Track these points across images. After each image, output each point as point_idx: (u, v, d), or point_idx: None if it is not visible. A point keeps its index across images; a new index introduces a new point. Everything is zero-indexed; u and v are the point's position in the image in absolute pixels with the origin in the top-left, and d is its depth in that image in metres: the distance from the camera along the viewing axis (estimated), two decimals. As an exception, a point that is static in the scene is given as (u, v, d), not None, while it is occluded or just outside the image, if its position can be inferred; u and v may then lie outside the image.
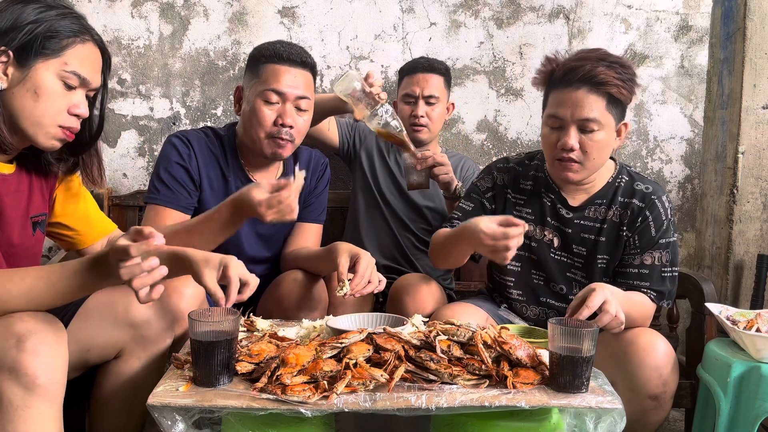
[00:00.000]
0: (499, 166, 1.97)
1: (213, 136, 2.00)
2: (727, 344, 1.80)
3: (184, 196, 1.90)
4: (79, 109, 1.41)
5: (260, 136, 1.90)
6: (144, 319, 1.52)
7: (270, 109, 1.89)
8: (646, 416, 1.70)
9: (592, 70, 1.71)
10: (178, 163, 1.90)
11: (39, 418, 1.24)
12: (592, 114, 1.72)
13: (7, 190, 1.44)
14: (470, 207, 1.97)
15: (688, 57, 2.83)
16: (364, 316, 1.69)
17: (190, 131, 1.98)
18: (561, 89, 1.76)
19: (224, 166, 1.97)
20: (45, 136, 1.39)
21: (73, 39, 1.39)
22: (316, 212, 2.12)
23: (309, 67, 1.95)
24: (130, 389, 1.55)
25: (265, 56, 1.91)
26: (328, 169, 2.17)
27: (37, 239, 1.53)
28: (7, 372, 1.22)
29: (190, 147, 1.93)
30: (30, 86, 1.36)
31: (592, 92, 1.72)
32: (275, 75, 1.89)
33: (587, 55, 1.75)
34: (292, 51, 1.91)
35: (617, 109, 1.76)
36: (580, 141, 1.75)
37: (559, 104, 1.76)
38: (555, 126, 1.78)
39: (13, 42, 1.34)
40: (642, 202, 1.83)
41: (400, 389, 1.32)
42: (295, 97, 1.90)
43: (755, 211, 2.33)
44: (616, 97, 1.73)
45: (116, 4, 2.70)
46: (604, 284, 1.63)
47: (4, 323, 1.26)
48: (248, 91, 1.94)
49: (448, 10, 2.78)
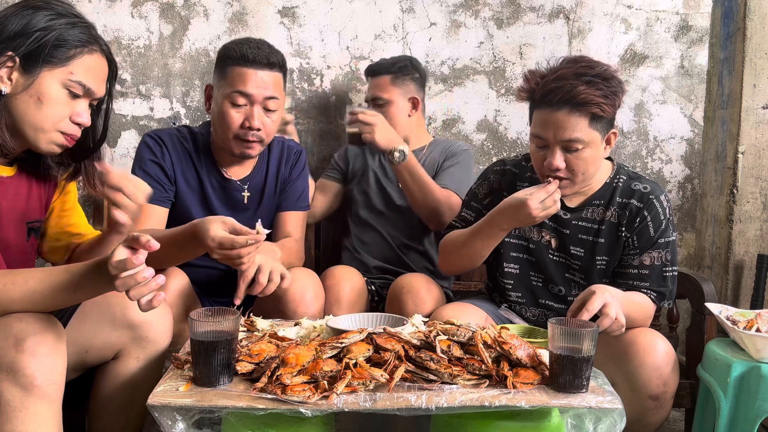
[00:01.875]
0: (495, 170, 1.97)
1: (187, 134, 2.06)
2: (727, 344, 1.80)
3: (160, 190, 1.96)
4: (81, 117, 1.41)
5: (228, 137, 1.94)
6: (142, 320, 1.52)
7: (237, 112, 1.92)
8: (646, 416, 1.70)
9: (572, 91, 1.68)
10: (151, 160, 1.98)
11: (37, 418, 1.23)
12: (575, 134, 1.70)
13: (5, 193, 1.44)
14: (472, 216, 1.96)
15: (688, 57, 2.83)
16: (364, 316, 1.69)
17: (163, 130, 2.06)
18: (542, 109, 1.74)
19: (197, 162, 2.02)
20: (45, 141, 1.40)
21: (81, 49, 1.39)
22: (292, 199, 2.13)
23: (277, 67, 1.95)
24: (129, 390, 1.55)
25: (231, 58, 1.92)
26: (303, 156, 2.18)
27: (31, 245, 1.54)
28: (5, 372, 1.22)
29: (163, 145, 2.00)
30: (34, 92, 1.36)
31: (574, 113, 1.69)
32: (242, 78, 1.90)
33: (566, 73, 1.71)
34: (259, 52, 1.91)
35: (601, 124, 1.73)
36: (566, 160, 1.74)
37: (542, 125, 1.74)
38: (540, 145, 1.77)
39: (21, 48, 1.34)
40: (640, 202, 1.82)
41: (400, 389, 1.32)
42: (263, 98, 1.92)
43: (755, 211, 2.33)
44: (599, 114, 1.71)
45: (116, 4, 2.70)
46: (604, 286, 1.62)
47: (3, 324, 1.26)
48: (216, 92, 1.97)
49: (448, 10, 2.78)
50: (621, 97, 1.75)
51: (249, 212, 2.07)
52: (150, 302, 1.26)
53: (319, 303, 1.94)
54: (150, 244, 1.23)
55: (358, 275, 2.17)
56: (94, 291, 1.32)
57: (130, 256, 1.22)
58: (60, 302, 1.32)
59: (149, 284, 1.24)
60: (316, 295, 1.93)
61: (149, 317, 1.52)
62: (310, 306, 1.88)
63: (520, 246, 1.92)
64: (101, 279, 1.26)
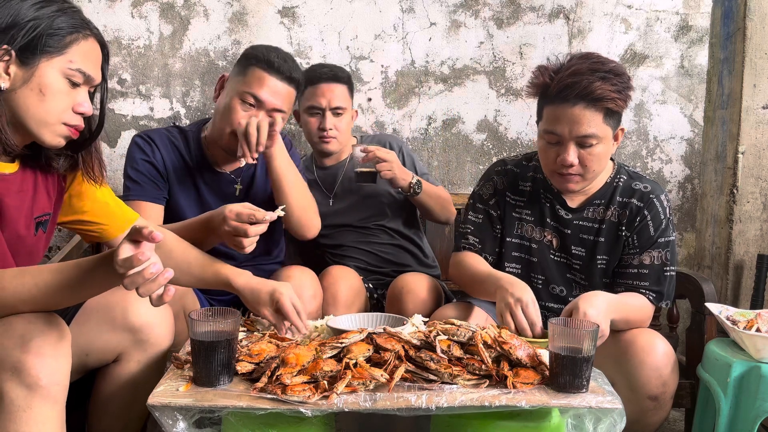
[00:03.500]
0: (497, 170, 1.97)
1: (176, 132, 2.09)
2: (727, 344, 1.80)
3: (153, 188, 2.00)
4: (83, 107, 1.38)
5: (226, 131, 1.97)
6: (142, 323, 1.51)
7: (244, 110, 1.94)
8: (646, 416, 1.70)
9: (589, 86, 1.68)
10: (143, 159, 2.01)
11: (41, 418, 1.23)
12: (591, 130, 1.71)
13: (8, 190, 1.41)
14: (479, 219, 1.95)
15: (688, 57, 2.83)
16: (364, 316, 1.69)
17: (153, 130, 2.11)
18: (557, 105, 1.73)
19: (188, 157, 2.05)
20: (51, 135, 1.37)
21: (76, 35, 1.35)
22: None
23: (295, 83, 1.99)
24: (129, 392, 1.54)
25: (256, 58, 1.96)
26: (294, 150, 2.19)
27: (38, 239, 1.52)
28: (10, 372, 1.22)
29: (152, 143, 2.04)
30: (35, 85, 1.32)
31: (589, 108, 1.69)
32: (259, 81, 1.94)
33: (581, 68, 1.71)
34: (284, 64, 1.95)
35: (614, 119, 1.75)
36: (579, 156, 1.74)
37: (556, 121, 1.73)
38: (552, 141, 1.76)
39: (16, 40, 1.29)
40: (640, 202, 1.82)
41: (400, 389, 1.32)
42: (271, 107, 1.95)
43: (755, 211, 2.33)
44: (614, 109, 1.72)
45: (116, 4, 2.70)
46: (592, 297, 1.63)
47: (9, 323, 1.26)
48: (230, 85, 1.99)
49: (448, 10, 2.78)
50: (630, 93, 1.76)
51: None
52: (161, 298, 1.23)
53: (317, 302, 1.95)
54: (153, 235, 1.20)
55: (354, 275, 2.17)
56: (105, 286, 1.29)
57: (135, 253, 1.18)
58: (69, 299, 1.31)
59: (158, 279, 1.20)
60: (314, 294, 1.94)
61: (150, 320, 1.52)
62: (307, 304, 1.88)
63: (522, 246, 1.92)
64: (109, 274, 1.24)
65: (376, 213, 2.42)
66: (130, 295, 1.48)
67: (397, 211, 2.44)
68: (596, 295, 1.64)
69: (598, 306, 1.60)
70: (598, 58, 1.75)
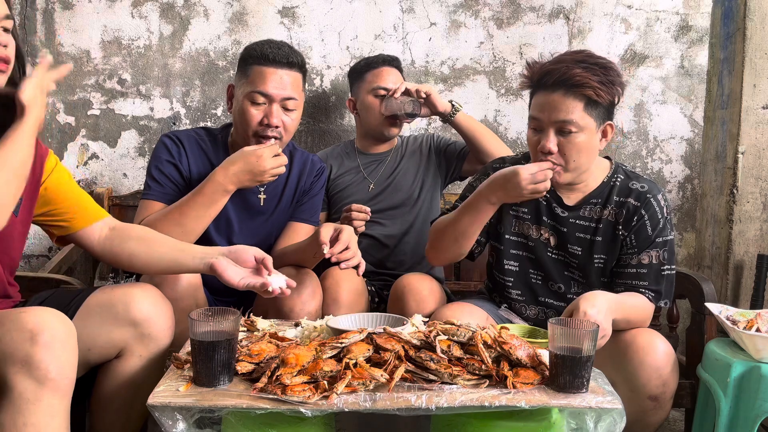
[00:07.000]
0: (495, 166, 1.97)
1: (205, 135, 2.09)
2: (727, 344, 1.80)
3: (173, 191, 1.99)
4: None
5: (248, 134, 1.99)
6: (144, 317, 1.52)
7: (257, 110, 1.96)
8: (645, 416, 1.70)
9: (567, 72, 1.70)
10: (168, 161, 2.01)
11: (49, 411, 1.25)
12: (569, 116, 1.72)
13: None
14: None
15: (688, 57, 2.83)
16: (364, 316, 1.69)
17: (182, 131, 2.09)
18: (540, 92, 1.77)
19: (215, 162, 2.03)
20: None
21: None
22: (308, 213, 2.16)
23: (297, 67, 2.00)
24: (131, 388, 1.55)
25: (252, 57, 1.98)
26: (325, 174, 2.22)
27: (20, 221, 1.52)
28: (19, 365, 1.23)
29: (180, 145, 2.03)
30: None
31: (569, 95, 1.71)
32: (261, 77, 1.95)
33: (565, 58, 1.75)
34: (279, 52, 1.97)
35: (597, 111, 1.74)
36: (558, 143, 1.75)
37: (539, 107, 1.76)
38: (535, 128, 1.79)
39: None
40: (637, 201, 1.82)
41: (400, 389, 1.32)
42: (281, 98, 1.96)
43: (755, 211, 2.33)
44: (595, 99, 1.72)
45: (116, 4, 2.70)
46: (593, 297, 1.62)
47: (18, 317, 1.27)
48: (238, 91, 2.02)
49: (448, 10, 2.78)
50: (619, 89, 1.76)
51: (264, 216, 2.09)
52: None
53: (317, 302, 1.94)
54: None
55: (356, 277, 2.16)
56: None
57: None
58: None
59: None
60: (313, 293, 1.93)
61: (152, 314, 1.53)
62: (306, 304, 1.88)
63: (520, 243, 1.93)
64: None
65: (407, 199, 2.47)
66: (132, 291, 1.54)
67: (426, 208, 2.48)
68: (597, 295, 1.64)
69: (599, 306, 1.60)
70: (589, 53, 1.78)
